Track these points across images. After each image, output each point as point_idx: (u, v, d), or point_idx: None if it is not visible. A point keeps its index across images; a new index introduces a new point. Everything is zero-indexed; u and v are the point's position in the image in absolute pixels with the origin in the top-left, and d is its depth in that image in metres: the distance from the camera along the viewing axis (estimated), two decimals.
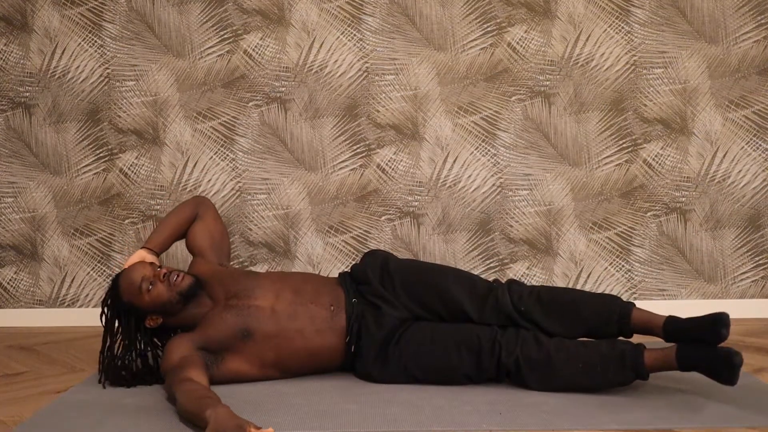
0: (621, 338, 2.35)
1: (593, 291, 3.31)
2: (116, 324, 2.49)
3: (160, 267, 2.50)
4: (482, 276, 3.31)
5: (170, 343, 2.40)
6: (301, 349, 2.44)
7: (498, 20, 3.28)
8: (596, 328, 2.37)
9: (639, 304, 3.28)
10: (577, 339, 2.37)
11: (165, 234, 2.71)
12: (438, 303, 2.47)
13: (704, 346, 2.17)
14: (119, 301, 2.47)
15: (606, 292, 3.30)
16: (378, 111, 3.32)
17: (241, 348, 2.41)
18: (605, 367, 2.26)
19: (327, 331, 2.44)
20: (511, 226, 3.32)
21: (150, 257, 2.62)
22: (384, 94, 3.31)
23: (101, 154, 3.39)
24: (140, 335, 2.49)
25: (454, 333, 2.39)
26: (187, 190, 3.36)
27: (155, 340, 2.54)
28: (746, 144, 3.26)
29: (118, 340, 2.50)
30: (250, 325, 2.40)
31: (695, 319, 2.22)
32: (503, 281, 2.50)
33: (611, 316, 2.34)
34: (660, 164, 3.28)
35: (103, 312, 2.50)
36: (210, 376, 2.32)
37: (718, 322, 2.15)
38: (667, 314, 2.34)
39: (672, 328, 2.27)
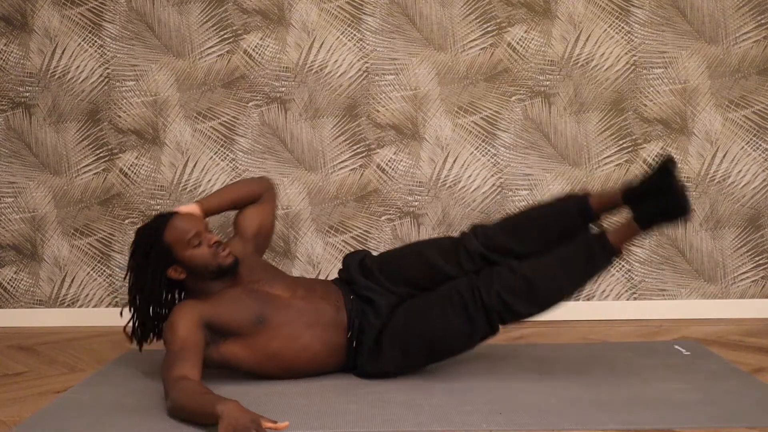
0: (586, 233, 2.38)
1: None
2: (141, 260, 2.45)
3: (210, 231, 2.48)
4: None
5: (178, 309, 2.34)
6: (307, 345, 2.42)
7: (498, 20, 3.28)
8: (563, 230, 2.41)
9: (639, 304, 3.29)
10: (551, 250, 2.39)
11: (222, 201, 2.68)
12: (416, 273, 2.50)
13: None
14: (159, 239, 2.41)
15: (602, 284, 3.30)
16: (378, 111, 3.32)
17: (249, 334, 2.37)
18: (579, 262, 2.31)
19: (332, 327, 2.45)
20: None
21: (200, 215, 2.57)
22: (384, 94, 3.31)
23: (101, 154, 3.39)
24: (160, 278, 2.43)
25: (435, 297, 2.41)
26: (187, 190, 3.36)
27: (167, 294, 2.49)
28: (746, 144, 3.26)
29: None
30: (266, 312, 2.39)
31: (647, 174, 2.27)
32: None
33: (571, 213, 2.40)
34: None
35: (135, 243, 2.46)
36: (206, 357, 2.28)
37: (664, 166, 2.22)
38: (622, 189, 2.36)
39: (629, 193, 2.32)
